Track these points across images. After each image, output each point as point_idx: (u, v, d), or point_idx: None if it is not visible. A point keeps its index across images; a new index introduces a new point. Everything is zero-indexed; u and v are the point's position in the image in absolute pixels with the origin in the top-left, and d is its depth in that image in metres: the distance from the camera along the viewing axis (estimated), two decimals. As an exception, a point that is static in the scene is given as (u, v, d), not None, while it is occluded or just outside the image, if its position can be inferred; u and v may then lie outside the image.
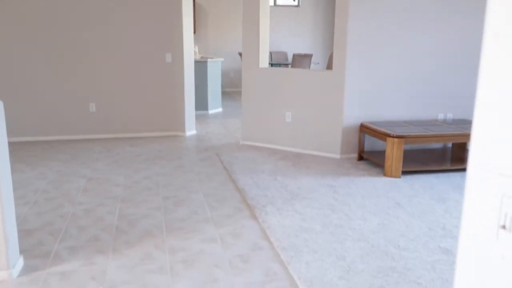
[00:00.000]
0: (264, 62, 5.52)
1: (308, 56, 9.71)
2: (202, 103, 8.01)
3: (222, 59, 8.53)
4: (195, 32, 10.84)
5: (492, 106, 0.68)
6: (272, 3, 11.24)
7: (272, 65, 10.00)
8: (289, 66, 10.24)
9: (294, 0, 11.45)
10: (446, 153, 5.12)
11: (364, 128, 4.87)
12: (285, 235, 3.09)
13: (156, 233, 3.14)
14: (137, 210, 3.57)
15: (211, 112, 8.13)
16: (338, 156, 5.12)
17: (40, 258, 2.77)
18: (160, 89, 6.11)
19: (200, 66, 7.81)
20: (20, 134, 5.81)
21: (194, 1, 10.75)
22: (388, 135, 4.40)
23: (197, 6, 10.88)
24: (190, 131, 6.33)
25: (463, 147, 5.19)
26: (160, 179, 4.34)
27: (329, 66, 7.99)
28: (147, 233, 3.14)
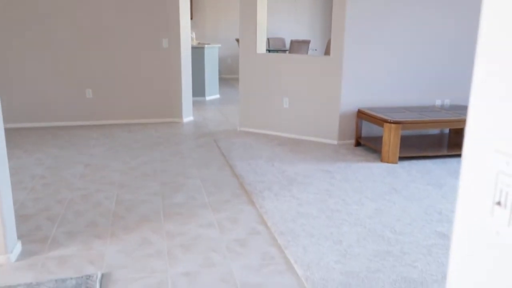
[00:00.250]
0: (262, 48, 5.49)
1: (306, 42, 9.66)
2: (200, 90, 7.98)
3: (220, 45, 8.48)
4: (192, 18, 10.75)
5: (489, 83, 0.67)
6: (270, -11, 11.13)
7: (270, 52, 9.95)
8: (287, 53, 10.19)
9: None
10: (443, 139, 5.13)
11: (362, 114, 4.87)
12: (282, 220, 3.11)
13: (154, 218, 3.15)
14: (135, 196, 3.57)
15: (209, 99, 8.11)
16: (335, 142, 5.12)
17: (38, 243, 2.77)
18: (157, 75, 6.07)
19: (197, 52, 7.76)
20: (17, 121, 5.78)
21: (191, -13, 10.64)
22: (386, 121, 4.40)
23: (194, -8, 10.77)
24: (188, 118, 6.31)
25: (460, 133, 5.20)
26: (158, 165, 4.34)
27: (327, 52, 7.96)
28: (145, 218, 3.15)
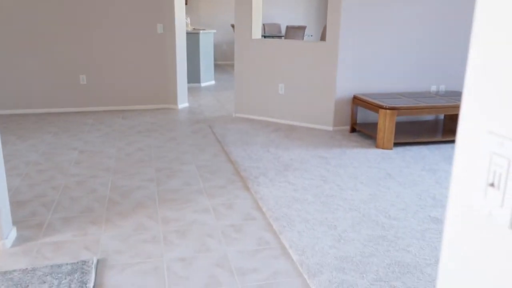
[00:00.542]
0: (257, 34, 5.45)
1: (302, 28, 9.60)
2: (195, 76, 7.93)
3: (215, 31, 8.42)
4: (187, 3, 10.64)
5: (483, 65, 0.67)
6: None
7: (265, 37, 9.89)
8: (283, 38, 10.13)
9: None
10: (438, 125, 5.14)
11: (357, 100, 4.87)
12: (277, 206, 3.12)
13: (149, 204, 3.16)
14: (130, 182, 3.57)
15: (204, 85, 8.07)
16: (331, 128, 5.13)
17: (33, 229, 2.77)
18: (152, 61, 6.03)
19: (192, 38, 7.69)
20: (10, 107, 5.74)
21: (186, -29, 10.51)
22: (381, 107, 4.40)
23: (189, -24, 10.65)
24: (183, 104, 6.28)
25: (455, 119, 5.21)
26: (153, 151, 4.33)
27: (323, 38, 7.91)
28: (140, 204, 3.16)
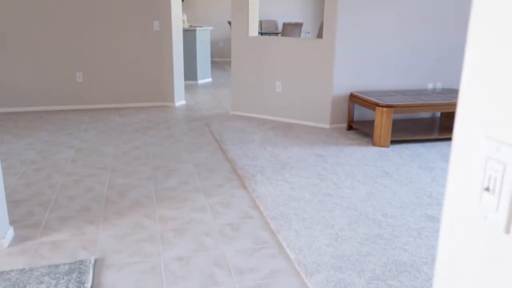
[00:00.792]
0: (254, 31, 5.44)
1: (299, 25, 9.59)
2: (191, 73, 7.92)
3: (211, 28, 8.39)
4: (183, 0, 10.60)
5: (480, 68, 0.67)
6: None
7: (262, 34, 9.87)
8: (279, 35, 10.12)
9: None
10: (435, 123, 5.16)
11: (354, 98, 4.87)
12: (275, 204, 3.13)
13: (147, 203, 3.16)
14: (127, 180, 3.57)
15: (201, 82, 8.05)
16: (328, 126, 5.13)
17: (30, 228, 2.77)
18: (149, 58, 6.01)
19: (189, 35, 7.68)
20: (6, 105, 5.71)
21: (182, -32, 10.47)
22: (377, 105, 4.40)
23: (185, -27, 10.61)
24: (180, 101, 6.27)
25: (451, 117, 5.23)
26: (150, 150, 4.33)
27: (320, 35, 7.90)
28: (138, 203, 3.15)
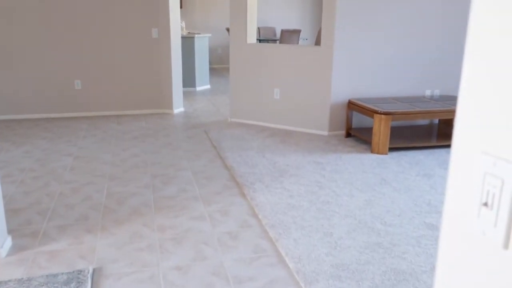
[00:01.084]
0: (252, 38, 5.46)
1: (297, 32, 9.62)
2: (190, 80, 7.93)
3: (210, 35, 8.42)
4: (182, 7, 10.64)
5: (476, 84, 0.68)
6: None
7: (260, 41, 9.90)
8: (278, 42, 10.15)
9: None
10: (433, 130, 5.17)
11: (352, 105, 4.88)
12: (273, 212, 3.12)
13: (145, 211, 3.15)
14: (125, 188, 3.56)
15: (199, 89, 8.06)
16: (326, 133, 5.14)
17: (29, 238, 2.76)
18: (147, 66, 6.02)
19: (187, 42, 7.70)
20: (4, 113, 5.71)
21: (180, -25, 10.51)
22: (376, 112, 4.41)
23: (184, -19, 10.65)
24: (178, 109, 6.28)
25: (450, 123, 5.24)
26: (148, 157, 4.32)
27: (318, 42, 7.93)
28: (136, 211, 3.15)
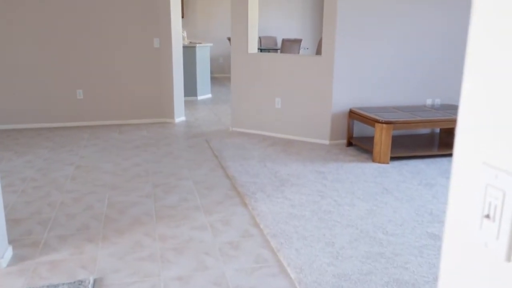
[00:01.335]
0: (253, 47, 5.49)
1: (298, 41, 9.67)
2: (191, 89, 7.95)
3: (211, 44, 8.46)
4: (183, 17, 10.70)
5: (478, 93, 0.68)
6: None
7: (261, 50, 9.94)
8: (279, 51, 10.19)
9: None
10: (434, 139, 5.16)
11: (353, 114, 4.89)
12: (275, 222, 3.11)
13: (146, 221, 3.14)
14: (127, 198, 3.56)
15: (200, 98, 8.09)
16: (327, 142, 5.14)
17: (29, 248, 2.75)
18: (149, 75, 6.05)
19: (189, 52, 7.73)
20: (7, 122, 5.73)
21: (182, -14, 10.59)
22: (377, 121, 4.42)
23: (185, -9, 10.73)
24: (179, 118, 6.29)
25: (451, 133, 5.24)
26: (150, 166, 4.32)
27: (319, 52, 7.96)
28: (137, 221, 3.14)
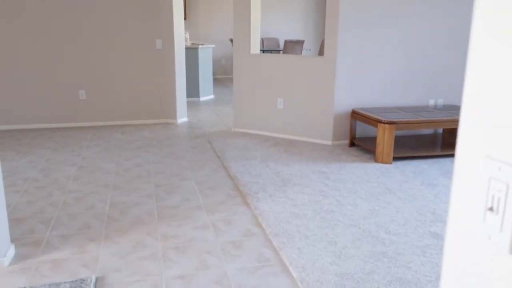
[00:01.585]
0: (256, 49, 5.49)
1: (300, 43, 9.67)
2: (194, 90, 7.96)
3: (213, 46, 8.47)
4: (186, 18, 10.72)
5: (481, 87, 0.67)
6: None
7: (264, 52, 9.95)
8: (281, 53, 10.20)
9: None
10: (437, 139, 5.15)
11: (356, 114, 4.88)
12: (277, 221, 3.11)
13: (148, 221, 3.14)
14: (129, 198, 3.56)
15: (203, 99, 8.09)
16: (330, 143, 5.13)
17: (32, 247, 2.76)
18: (151, 76, 6.06)
19: (191, 53, 7.74)
20: (9, 122, 5.74)
21: (185, -13, 10.61)
22: (379, 121, 4.41)
23: (188, -8, 10.75)
24: (182, 118, 6.30)
25: (453, 133, 5.22)
26: (152, 167, 4.33)
27: (321, 53, 7.97)
28: (139, 221, 3.14)
